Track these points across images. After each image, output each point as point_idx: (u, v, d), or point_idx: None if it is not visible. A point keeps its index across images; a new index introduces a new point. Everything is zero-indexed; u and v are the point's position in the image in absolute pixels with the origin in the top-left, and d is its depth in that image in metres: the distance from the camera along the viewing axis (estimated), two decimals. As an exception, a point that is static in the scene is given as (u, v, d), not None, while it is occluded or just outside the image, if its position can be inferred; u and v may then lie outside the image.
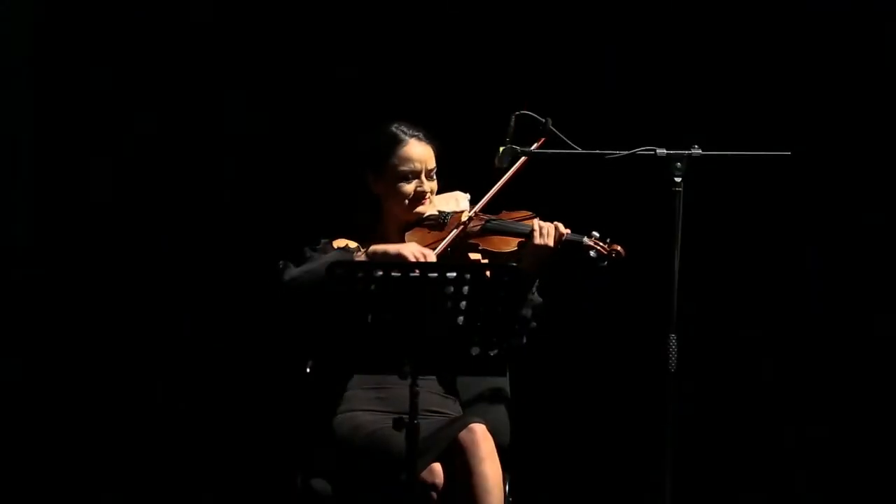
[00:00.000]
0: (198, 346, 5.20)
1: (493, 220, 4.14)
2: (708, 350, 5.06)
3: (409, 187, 4.16)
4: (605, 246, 4.04)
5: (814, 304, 5.20)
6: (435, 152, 4.20)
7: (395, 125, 4.19)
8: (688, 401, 4.21)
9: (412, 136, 4.18)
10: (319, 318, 3.54)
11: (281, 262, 3.99)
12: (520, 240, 4.07)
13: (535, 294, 4.10)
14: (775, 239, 5.19)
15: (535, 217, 4.13)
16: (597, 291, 4.85)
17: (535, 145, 4.09)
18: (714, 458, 5.19)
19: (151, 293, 5.23)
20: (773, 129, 5.07)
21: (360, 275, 3.44)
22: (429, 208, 4.20)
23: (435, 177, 4.20)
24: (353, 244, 4.15)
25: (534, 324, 4.09)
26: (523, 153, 4.06)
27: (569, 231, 4.08)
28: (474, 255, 4.08)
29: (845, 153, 5.16)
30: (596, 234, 4.07)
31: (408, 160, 4.16)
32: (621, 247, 4.05)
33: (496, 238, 4.11)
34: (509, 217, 4.16)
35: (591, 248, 4.04)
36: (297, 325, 3.92)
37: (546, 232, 4.05)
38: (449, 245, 4.05)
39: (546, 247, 4.04)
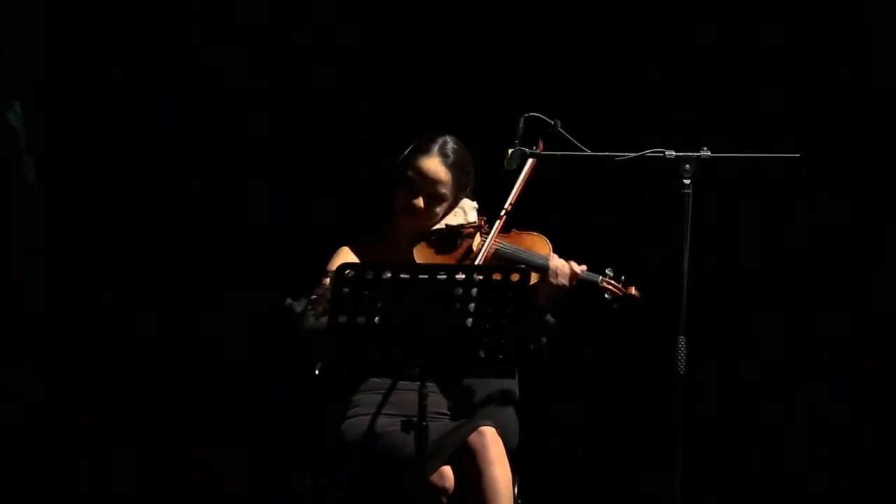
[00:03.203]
0: (207, 348, 5.20)
1: (508, 246, 4.13)
2: (717, 352, 5.06)
3: (403, 195, 4.14)
4: (620, 287, 4.05)
5: (822, 305, 5.20)
6: (454, 183, 4.15)
7: (447, 138, 4.17)
8: (697, 403, 4.20)
9: (440, 154, 4.13)
10: (329, 322, 3.54)
11: (288, 302, 3.97)
12: (535, 275, 4.06)
13: (550, 317, 4.10)
14: (784, 240, 5.18)
15: (548, 242, 4.12)
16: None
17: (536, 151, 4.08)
18: (724, 460, 5.18)
19: (160, 293, 5.23)
20: (783, 130, 5.06)
21: (368, 277, 3.45)
22: (415, 223, 4.16)
23: (438, 204, 4.15)
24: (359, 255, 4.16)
25: (544, 340, 4.09)
26: (532, 156, 4.06)
27: (584, 268, 4.08)
28: None
29: (855, 155, 5.15)
30: (610, 272, 4.07)
31: (415, 169, 4.12)
32: (636, 289, 4.06)
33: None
34: (522, 242, 4.14)
35: (606, 289, 4.05)
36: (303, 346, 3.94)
37: (562, 272, 4.05)
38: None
39: (561, 286, 4.05)
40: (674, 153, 3.99)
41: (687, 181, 3.97)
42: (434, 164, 4.12)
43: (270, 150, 5.26)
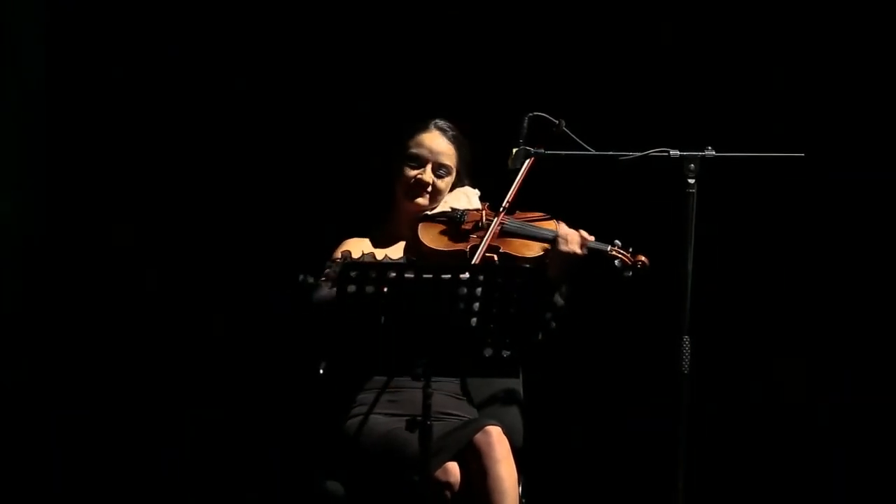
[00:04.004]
0: (211, 347, 5.20)
1: (513, 222, 4.13)
2: (721, 352, 5.06)
3: (411, 172, 4.17)
4: (629, 256, 4.05)
5: (827, 305, 5.20)
6: (457, 155, 4.19)
7: (437, 119, 4.21)
8: (701, 402, 4.20)
9: (437, 127, 4.20)
10: (333, 320, 3.53)
11: (301, 277, 3.97)
12: (542, 244, 4.06)
13: (559, 297, 4.09)
14: (789, 240, 5.18)
15: (553, 220, 4.13)
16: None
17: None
18: (727, 460, 5.18)
19: (164, 293, 5.23)
20: (787, 130, 5.06)
21: (373, 276, 3.44)
22: (440, 206, 4.19)
23: (444, 177, 4.19)
24: (365, 244, 4.16)
25: (553, 325, 4.08)
26: (536, 155, 4.06)
27: (592, 238, 4.07)
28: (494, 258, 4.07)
29: (859, 154, 5.15)
30: (618, 242, 4.07)
31: (419, 145, 4.18)
32: (645, 257, 4.06)
33: (517, 241, 4.10)
34: (527, 219, 4.15)
35: (615, 257, 4.04)
36: (313, 330, 3.93)
37: (572, 239, 4.04)
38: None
39: (573, 254, 4.04)
40: (678, 153, 3.99)
41: (691, 181, 3.97)
42: (436, 136, 4.21)
43: (272, 149, 5.26)
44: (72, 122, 5.23)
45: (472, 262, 3.96)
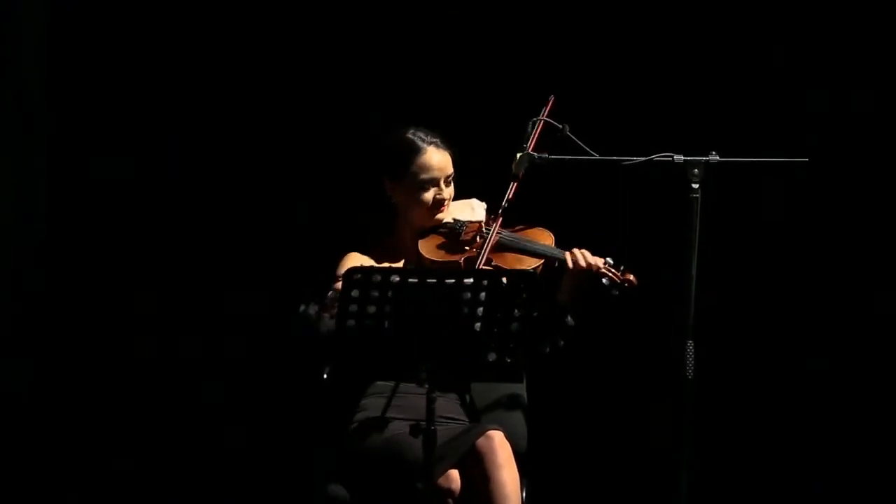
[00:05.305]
0: (214, 351, 5.20)
1: (510, 236, 4.12)
2: (726, 357, 5.06)
3: (429, 195, 4.15)
4: (619, 274, 4.04)
5: (832, 308, 5.20)
6: (452, 158, 4.19)
7: (412, 131, 4.17)
8: (705, 407, 4.20)
9: (430, 143, 4.16)
10: (337, 325, 3.53)
11: (302, 308, 3.95)
12: (537, 259, 4.06)
13: (570, 318, 4.08)
14: (793, 245, 5.19)
15: (550, 235, 4.13)
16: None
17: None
18: (731, 465, 5.18)
19: (167, 297, 5.23)
20: (791, 134, 5.06)
21: (377, 281, 3.44)
22: (445, 216, 4.19)
23: (452, 183, 4.20)
24: (368, 258, 4.15)
25: (562, 342, 4.08)
26: (540, 160, 4.05)
27: (601, 262, 4.07)
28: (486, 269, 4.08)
29: (862, 159, 5.15)
30: (610, 260, 4.06)
31: (427, 168, 4.14)
32: (634, 276, 4.05)
33: (510, 256, 4.09)
34: (525, 234, 4.15)
35: (604, 275, 4.04)
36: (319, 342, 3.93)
37: (582, 257, 4.03)
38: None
39: (583, 273, 4.03)
40: (682, 158, 3.98)
41: (695, 185, 3.96)
42: (435, 152, 4.16)
43: (273, 152, 5.25)
44: (72, 122, 5.23)
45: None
